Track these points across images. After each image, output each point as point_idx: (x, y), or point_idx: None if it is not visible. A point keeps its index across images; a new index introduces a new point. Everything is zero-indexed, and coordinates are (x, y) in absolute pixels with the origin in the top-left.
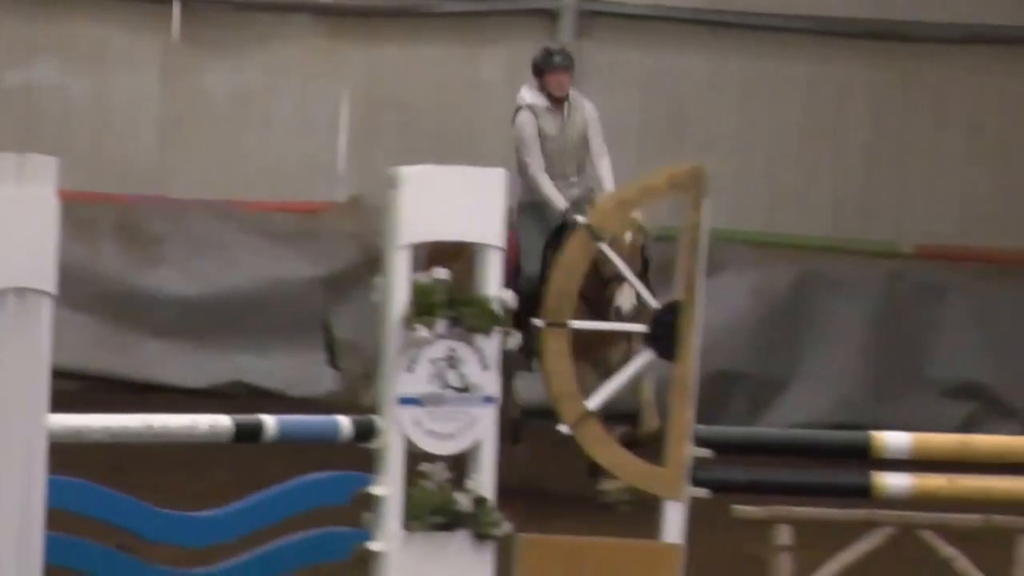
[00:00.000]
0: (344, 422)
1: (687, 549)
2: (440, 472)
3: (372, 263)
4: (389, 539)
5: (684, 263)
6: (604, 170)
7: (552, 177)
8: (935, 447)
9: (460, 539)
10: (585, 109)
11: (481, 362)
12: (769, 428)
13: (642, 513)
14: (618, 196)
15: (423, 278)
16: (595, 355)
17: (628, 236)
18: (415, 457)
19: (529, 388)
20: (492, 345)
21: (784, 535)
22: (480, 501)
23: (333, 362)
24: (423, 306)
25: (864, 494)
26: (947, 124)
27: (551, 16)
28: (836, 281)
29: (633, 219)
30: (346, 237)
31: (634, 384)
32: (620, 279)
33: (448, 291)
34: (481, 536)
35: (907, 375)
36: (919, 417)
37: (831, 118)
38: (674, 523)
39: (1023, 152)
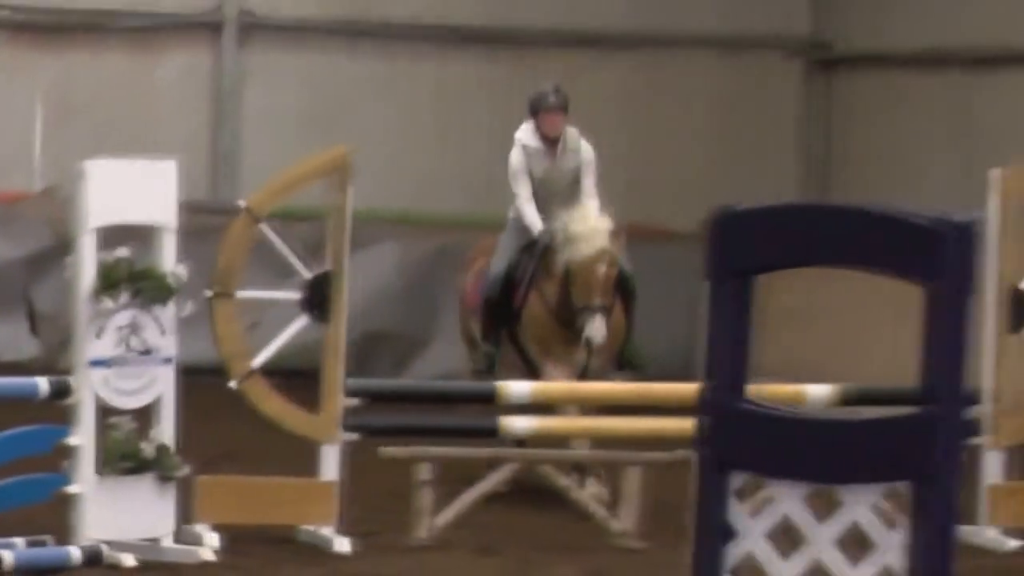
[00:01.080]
0: (43, 383)
1: (342, 486)
2: (127, 424)
3: (65, 245)
4: (85, 483)
5: (333, 239)
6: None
7: (538, 207)
8: (550, 394)
9: (147, 481)
10: (581, 151)
11: (160, 328)
12: (411, 380)
13: (307, 456)
14: (274, 182)
15: (107, 257)
16: (560, 357)
17: (601, 269)
18: (105, 411)
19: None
20: (169, 313)
21: (425, 472)
22: (162, 448)
23: (34, 331)
24: (108, 281)
25: (493, 434)
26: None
27: (215, 28)
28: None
29: (607, 249)
30: (42, 222)
31: None
32: (591, 310)
33: (129, 268)
34: (164, 478)
35: None
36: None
37: (458, 110)
38: (329, 463)
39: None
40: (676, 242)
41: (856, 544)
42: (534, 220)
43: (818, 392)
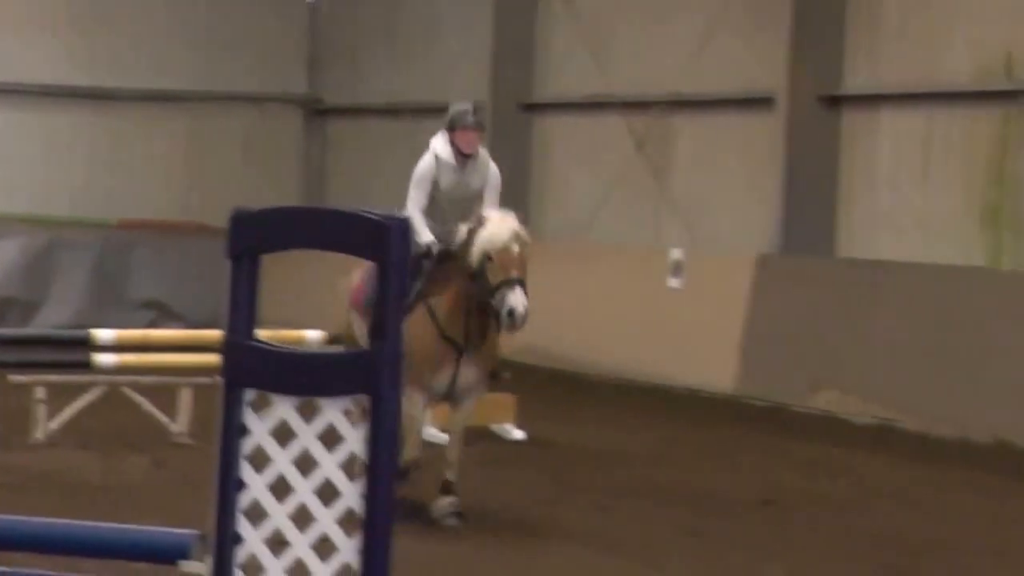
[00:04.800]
0: None
1: None
2: None
3: None
4: None
5: None
6: None
7: (434, 219)
8: (130, 338)
9: None
10: (489, 171)
11: None
12: (27, 329)
13: None
14: None
15: None
16: (424, 381)
17: (515, 248)
18: None
19: None
20: None
21: (40, 393)
22: None
23: None
24: None
25: (87, 367)
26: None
27: None
28: (73, 243)
29: (519, 233)
30: None
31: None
32: (510, 282)
33: None
34: None
35: (120, 297)
36: (124, 322)
37: (66, 144)
38: None
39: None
40: (217, 235)
41: (332, 438)
42: (421, 229)
43: (313, 336)
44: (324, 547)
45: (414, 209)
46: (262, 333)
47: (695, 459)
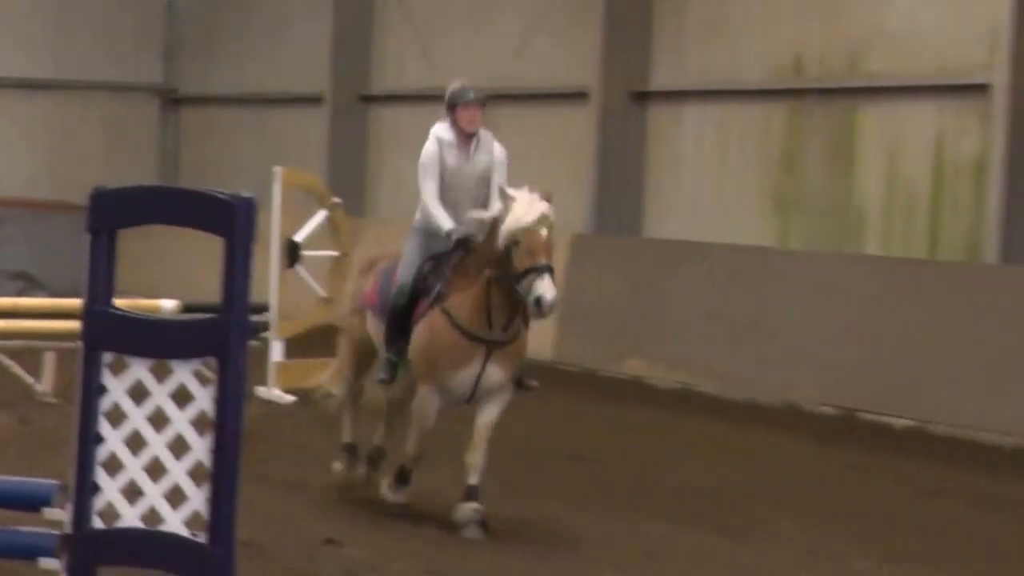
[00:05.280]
0: None
1: None
2: None
3: None
4: None
5: None
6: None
7: (446, 205)
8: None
9: None
10: (494, 151)
11: None
12: None
13: None
14: None
15: None
16: (442, 382)
17: (543, 232)
18: None
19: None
20: None
21: None
22: None
23: None
24: None
25: None
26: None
27: None
28: None
29: (546, 216)
30: None
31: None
32: (538, 270)
33: None
34: None
35: None
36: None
37: None
38: None
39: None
40: (79, 212)
41: (183, 397)
42: (441, 216)
43: (168, 304)
44: (175, 497)
45: (429, 198)
46: (119, 302)
47: (513, 418)
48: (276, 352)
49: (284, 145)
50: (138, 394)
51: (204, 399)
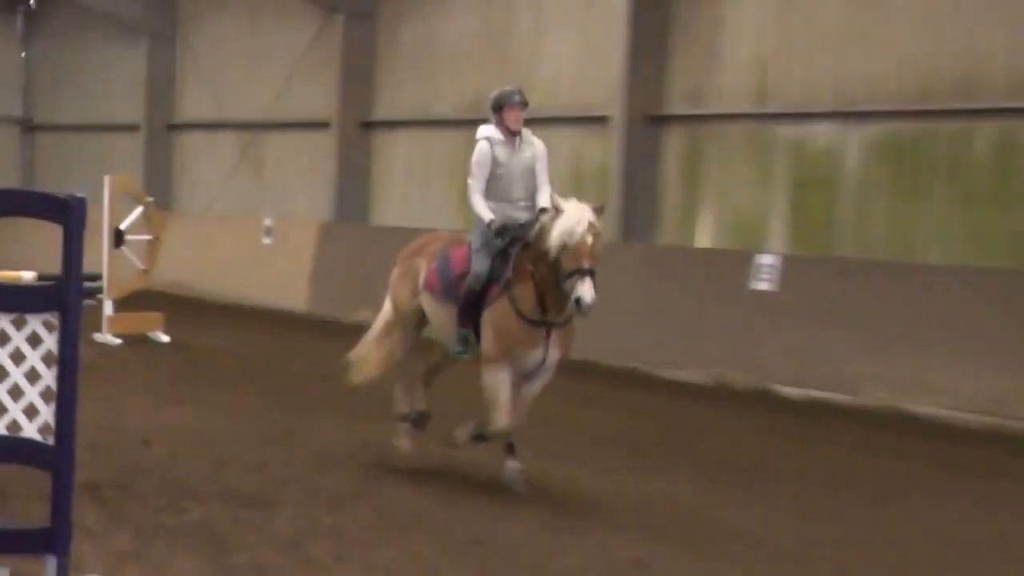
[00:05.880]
0: None
1: None
2: None
3: None
4: None
5: None
6: (543, 196)
7: (501, 199)
8: None
9: None
10: (535, 145)
11: None
12: None
13: None
14: None
15: None
16: (513, 361)
17: (589, 239)
18: None
19: None
20: None
21: None
22: None
23: None
24: None
25: None
26: None
27: None
28: None
29: (593, 225)
30: None
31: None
32: (581, 272)
33: None
34: None
35: None
36: None
37: None
38: None
39: None
40: None
41: (36, 340)
42: (483, 210)
43: (27, 275)
44: (31, 412)
45: (474, 194)
46: None
47: (271, 357)
48: (108, 308)
49: (114, 160)
50: (3, 339)
51: (51, 341)
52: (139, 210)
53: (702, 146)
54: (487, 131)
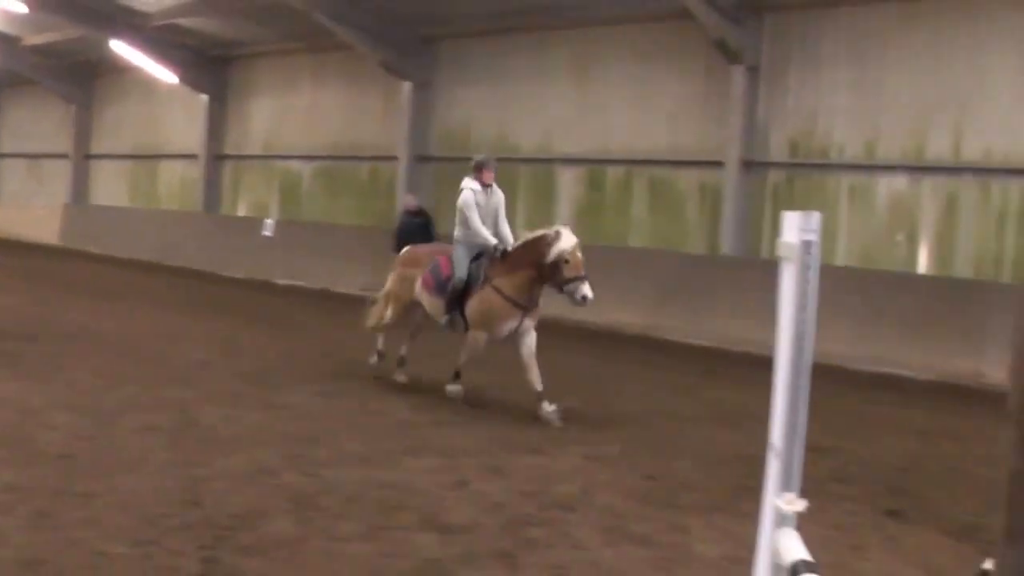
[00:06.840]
0: None
1: None
2: None
3: None
4: None
5: None
6: (505, 229)
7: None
8: None
9: None
10: (498, 195)
11: None
12: None
13: None
14: None
15: None
16: (491, 329)
17: (579, 254)
18: None
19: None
20: None
21: None
22: None
23: None
24: None
25: None
26: None
27: None
28: None
29: (578, 244)
30: None
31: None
32: (581, 279)
33: None
34: None
35: None
36: None
37: None
38: None
39: None
40: None
41: None
42: (486, 236)
43: None
44: None
45: (477, 223)
46: None
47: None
48: None
49: None
50: None
51: None
52: None
53: None
54: (470, 183)
